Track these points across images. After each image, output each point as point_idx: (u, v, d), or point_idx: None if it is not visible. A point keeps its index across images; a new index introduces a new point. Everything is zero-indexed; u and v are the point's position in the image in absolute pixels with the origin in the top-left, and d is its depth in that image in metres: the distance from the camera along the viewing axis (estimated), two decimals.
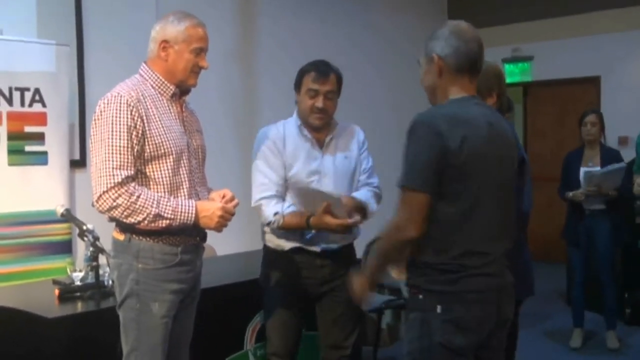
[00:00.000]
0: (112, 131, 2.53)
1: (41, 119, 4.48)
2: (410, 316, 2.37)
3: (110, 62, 5.11)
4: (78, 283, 3.31)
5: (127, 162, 2.53)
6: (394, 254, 2.39)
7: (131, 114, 2.55)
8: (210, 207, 2.64)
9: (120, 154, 2.52)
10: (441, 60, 2.36)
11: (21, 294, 3.60)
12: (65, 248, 4.54)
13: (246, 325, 3.69)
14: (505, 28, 8.41)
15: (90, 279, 3.26)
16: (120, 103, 2.55)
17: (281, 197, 3.20)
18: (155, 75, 2.70)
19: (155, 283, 2.62)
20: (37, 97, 4.45)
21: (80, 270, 3.36)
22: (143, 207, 2.52)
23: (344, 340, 3.33)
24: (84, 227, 3.19)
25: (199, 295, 2.88)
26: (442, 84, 2.38)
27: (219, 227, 2.66)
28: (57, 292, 3.23)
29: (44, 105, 4.47)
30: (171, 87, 2.71)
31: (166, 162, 2.63)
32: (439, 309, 2.27)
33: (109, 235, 3.60)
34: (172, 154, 2.63)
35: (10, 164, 4.33)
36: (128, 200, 2.50)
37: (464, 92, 2.38)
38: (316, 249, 3.22)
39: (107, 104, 2.57)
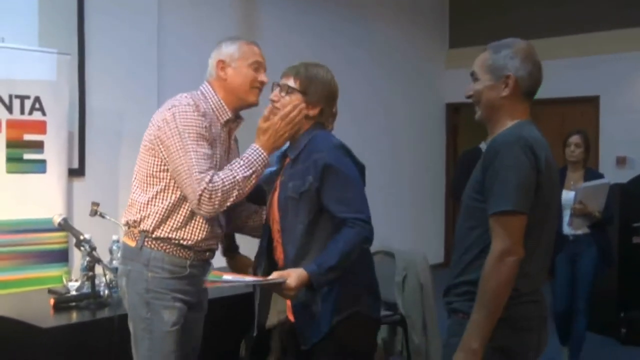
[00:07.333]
0: (193, 137, 2.54)
1: (41, 127, 4.47)
2: (451, 341, 2.23)
3: (111, 72, 5.14)
4: (74, 293, 3.31)
5: (205, 164, 2.53)
6: (505, 291, 2.10)
7: (204, 125, 2.58)
8: (268, 127, 2.59)
9: (198, 158, 2.52)
10: (516, 81, 2.28)
11: (16, 303, 3.58)
12: (61, 257, 4.52)
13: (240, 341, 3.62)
14: None
15: (86, 289, 3.26)
16: (198, 112, 2.58)
17: None
18: (217, 96, 2.71)
19: (164, 291, 2.62)
20: (37, 106, 4.45)
21: (76, 280, 3.35)
22: (232, 184, 2.51)
23: None
24: (81, 237, 3.20)
25: (206, 308, 2.86)
26: (509, 105, 2.30)
27: (291, 130, 2.59)
28: (52, 301, 3.22)
29: (43, 114, 4.47)
30: (228, 113, 2.72)
31: None
32: None
33: (105, 246, 3.62)
34: None
35: (9, 171, 4.32)
36: (220, 190, 2.49)
37: (526, 116, 2.33)
38: None
39: (185, 111, 2.57)
